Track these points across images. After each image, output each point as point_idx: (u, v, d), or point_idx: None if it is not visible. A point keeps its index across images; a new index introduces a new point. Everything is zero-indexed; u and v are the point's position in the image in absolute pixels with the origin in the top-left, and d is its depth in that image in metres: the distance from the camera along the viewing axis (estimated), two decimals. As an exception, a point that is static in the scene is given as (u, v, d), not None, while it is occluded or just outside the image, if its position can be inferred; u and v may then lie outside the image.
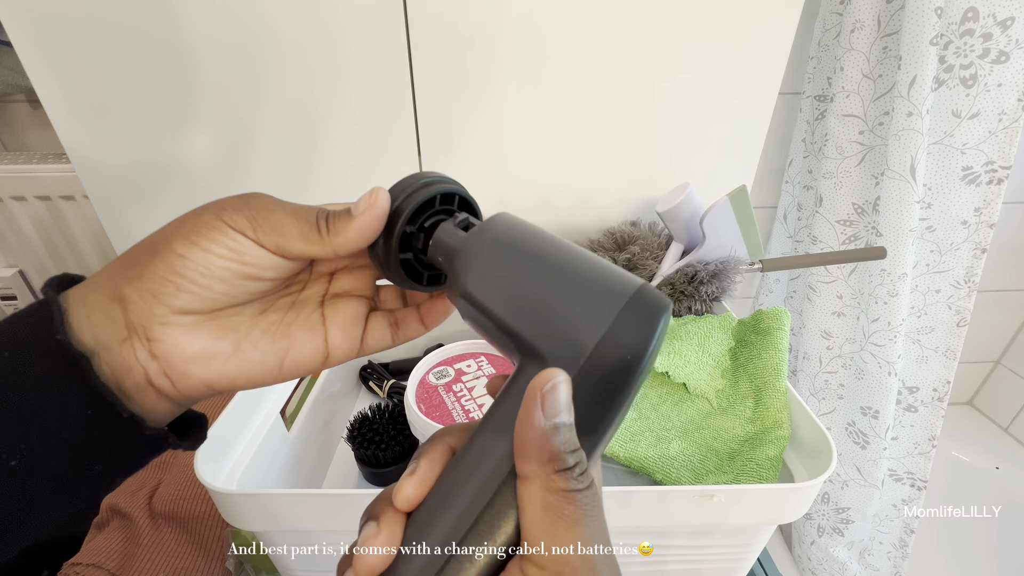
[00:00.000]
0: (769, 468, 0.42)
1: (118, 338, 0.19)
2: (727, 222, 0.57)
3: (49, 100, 0.57)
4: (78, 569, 0.44)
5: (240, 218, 0.20)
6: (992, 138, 0.68)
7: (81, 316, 0.19)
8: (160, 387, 0.20)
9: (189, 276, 0.20)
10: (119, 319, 0.19)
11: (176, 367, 0.20)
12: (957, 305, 0.78)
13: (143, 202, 0.64)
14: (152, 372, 0.20)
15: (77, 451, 0.18)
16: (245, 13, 0.54)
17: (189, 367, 0.20)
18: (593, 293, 0.18)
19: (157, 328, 0.19)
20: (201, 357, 0.20)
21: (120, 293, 0.19)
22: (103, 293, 0.19)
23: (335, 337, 0.24)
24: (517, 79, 0.59)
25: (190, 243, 0.20)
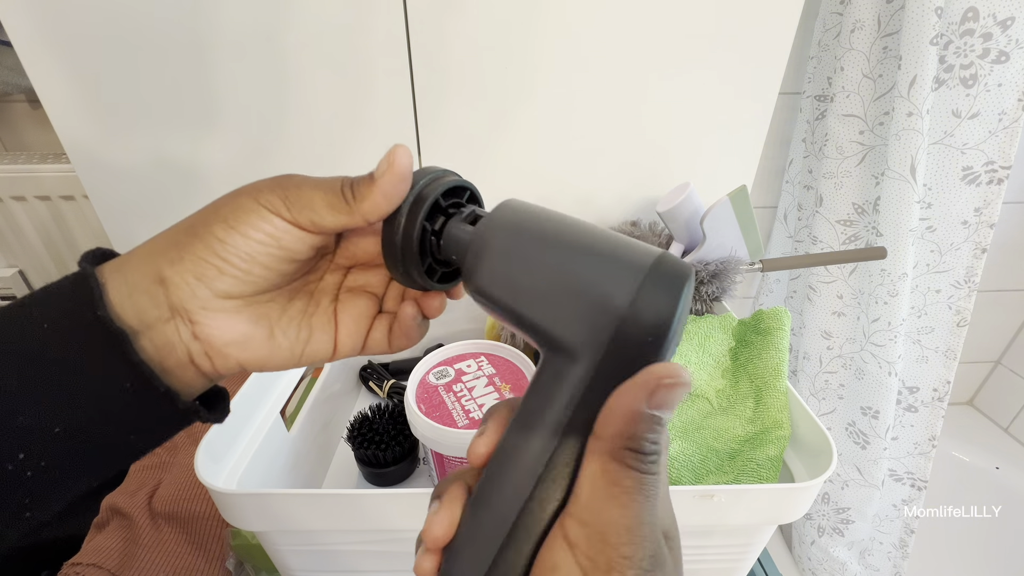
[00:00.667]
0: (769, 468, 0.42)
1: (162, 318, 0.20)
2: (727, 222, 0.57)
3: (49, 100, 0.57)
4: (78, 569, 0.44)
5: (275, 199, 0.21)
6: (992, 138, 0.68)
7: (123, 294, 0.20)
8: (200, 365, 0.21)
9: (231, 260, 0.20)
10: (162, 300, 0.20)
11: (217, 349, 0.21)
12: (957, 305, 0.78)
13: (143, 202, 0.64)
14: (195, 352, 0.21)
15: (115, 421, 0.19)
16: (245, 13, 0.54)
17: (229, 349, 0.21)
18: (608, 271, 0.17)
19: (200, 312, 0.20)
20: (240, 341, 0.21)
21: (162, 274, 0.20)
22: (144, 273, 0.20)
23: (342, 333, 0.25)
24: (517, 79, 0.59)
25: (229, 227, 0.20)
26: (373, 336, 0.25)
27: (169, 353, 0.20)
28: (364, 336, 0.25)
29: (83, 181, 0.62)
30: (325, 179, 0.22)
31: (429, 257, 0.23)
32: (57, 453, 0.18)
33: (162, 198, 0.64)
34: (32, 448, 0.18)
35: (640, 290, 0.17)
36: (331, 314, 0.25)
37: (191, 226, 0.21)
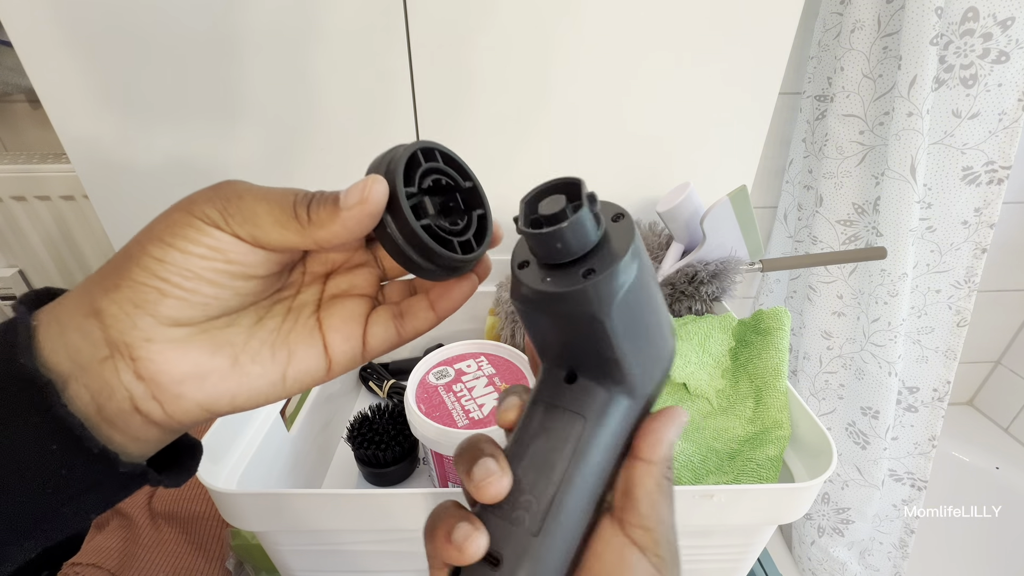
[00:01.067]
0: (769, 468, 0.42)
1: (97, 357, 0.17)
2: (727, 222, 0.57)
3: (49, 100, 0.57)
4: (78, 569, 0.44)
5: (211, 210, 0.18)
6: (992, 138, 0.68)
7: (54, 335, 0.17)
8: (147, 412, 0.18)
9: (171, 280, 0.17)
10: (97, 336, 0.17)
11: (167, 388, 0.18)
12: (957, 305, 0.78)
13: (143, 202, 0.64)
14: (138, 395, 0.18)
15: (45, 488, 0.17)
16: (246, 13, 0.54)
17: (182, 388, 0.18)
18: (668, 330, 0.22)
19: (142, 345, 0.17)
20: (195, 375, 0.18)
21: (96, 306, 0.17)
22: (77, 308, 0.17)
23: (334, 341, 0.22)
24: (517, 79, 0.59)
25: (165, 245, 0.17)
26: (374, 333, 0.22)
27: (108, 399, 0.17)
28: (361, 338, 0.22)
29: (83, 181, 0.62)
30: (274, 190, 0.19)
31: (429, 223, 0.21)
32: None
33: (162, 198, 0.63)
34: None
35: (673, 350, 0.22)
36: (314, 326, 0.22)
37: (127, 251, 0.18)
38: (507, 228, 0.23)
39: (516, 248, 0.21)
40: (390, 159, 0.20)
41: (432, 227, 0.20)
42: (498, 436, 0.22)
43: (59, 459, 0.16)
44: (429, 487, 0.52)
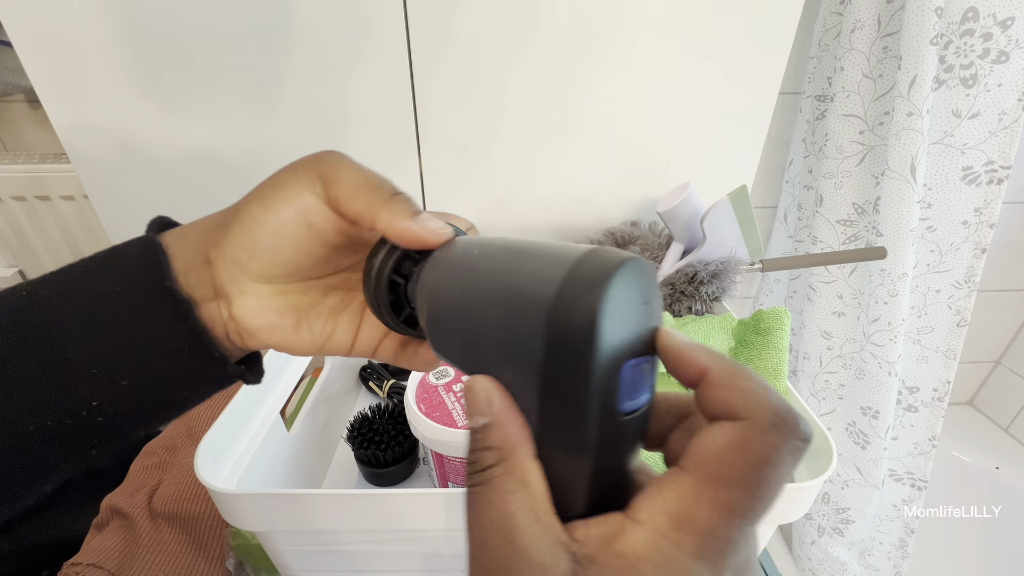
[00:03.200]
0: (769, 468, 0.42)
1: (207, 297, 0.22)
2: (727, 222, 0.57)
3: (49, 100, 0.57)
4: (78, 569, 0.44)
5: (312, 174, 0.21)
6: (992, 138, 0.68)
7: (180, 270, 0.21)
8: (235, 341, 0.23)
9: (260, 241, 0.21)
10: (208, 281, 0.21)
11: (248, 331, 0.22)
12: (957, 305, 0.78)
13: (143, 202, 0.64)
14: (231, 329, 0.22)
15: (173, 380, 0.21)
16: (246, 12, 0.54)
17: (257, 333, 0.23)
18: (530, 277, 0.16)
19: (237, 296, 0.22)
20: (268, 328, 0.23)
21: (208, 256, 0.21)
22: (196, 253, 0.22)
23: (363, 334, 0.26)
24: (517, 80, 0.59)
25: (263, 206, 0.21)
26: (385, 344, 0.26)
27: (212, 327, 0.22)
28: (377, 343, 0.26)
29: (83, 181, 0.62)
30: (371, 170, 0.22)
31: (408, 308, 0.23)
32: (123, 403, 0.21)
33: (162, 198, 0.64)
34: (103, 397, 0.20)
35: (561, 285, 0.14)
36: (359, 313, 0.25)
37: (235, 207, 0.22)
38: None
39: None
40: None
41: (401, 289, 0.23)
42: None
43: (188, 358, 0.21)
44: (429, 487, 0.52)
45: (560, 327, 0.14)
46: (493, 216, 0.68)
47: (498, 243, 0.19)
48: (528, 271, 0.16)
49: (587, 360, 0.14)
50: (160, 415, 0.22)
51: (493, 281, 0.17)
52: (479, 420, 0.16)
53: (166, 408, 0.22)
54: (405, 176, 0.64)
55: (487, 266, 0.18)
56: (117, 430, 0.21)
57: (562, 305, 0.14)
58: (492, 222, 0.69)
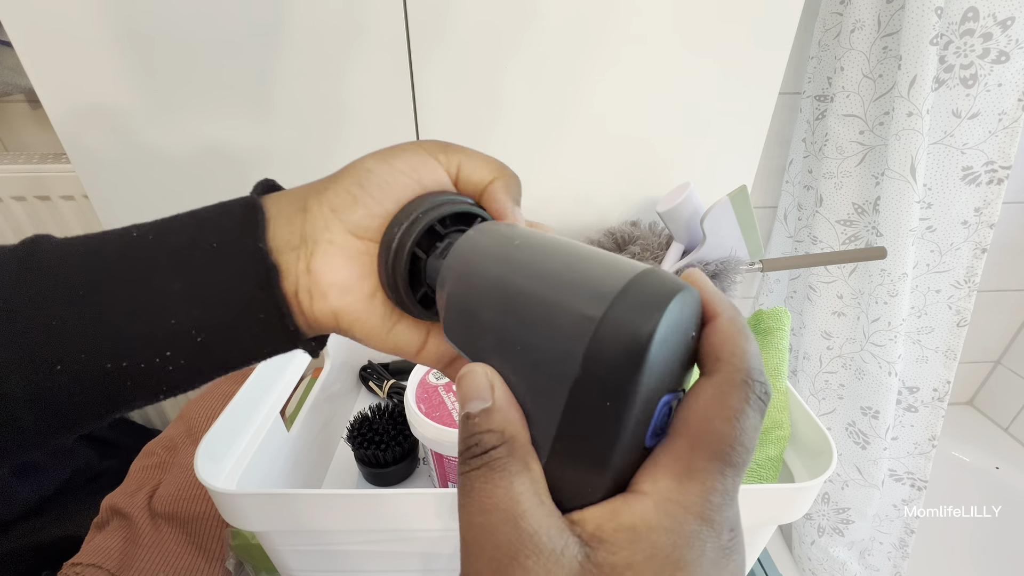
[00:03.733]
0: (769, 468, 0.42)
1: (291, 244, 0.21)
2: (727, 222, 0.57)
3: (49, 100, 0.57)
4: (78, 569, 0.44)
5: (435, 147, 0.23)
6: (992, 138, 0.68)
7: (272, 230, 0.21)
8: (300, 300, 0.22)
9: (369, 189, 0.21)
10: (297, 228, 0.21)
11: (320, 286, 0.21)
12: (957, 305, 0.78)
13: (143, 202, 0.64)
14: (301, 285, 0.21)
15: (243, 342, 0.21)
16: (246, 12, 0.54)
17: (329, 291, 0.22)
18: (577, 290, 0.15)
19: (324, 245, 0.21)
20: (342, 287, 0.22)
21: (306, 204, 0.21)
22: (293, 201, 0.22)
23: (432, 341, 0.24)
24: (517, 80, 0.59)
25: (380, 158, 0.22)
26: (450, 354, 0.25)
27: (283, 279, 0.21)
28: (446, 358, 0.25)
29: (83, 181, 0.62)
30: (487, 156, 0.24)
31: (424, 287, 0.22)
32: (194, 356, 0.21)
33: (162, 198, 0.64)
34: (177, 348, 0.20)
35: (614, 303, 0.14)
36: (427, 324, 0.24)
37: (351, 164, 0.22)
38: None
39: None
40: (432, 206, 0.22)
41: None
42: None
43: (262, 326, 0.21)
44: (429, 487, 0.52)
45: (606, 347, 0.14)
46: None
47: (542, 239, 0.18)
48: (577, 279, 0.15)
49: (629, 387, 0.13)
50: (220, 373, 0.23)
51: (535, 281, 0.16)
52: (479, 404, 0.16)
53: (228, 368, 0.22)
54: (405, 176, 0.65)
55: (530, 261, 0.17)
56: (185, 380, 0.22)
57: (612, 325, 0.14)
58: (492, 222, 0.69)
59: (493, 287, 0.17)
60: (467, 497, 0.15)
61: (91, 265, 0.20)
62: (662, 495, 0.14)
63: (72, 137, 0.59)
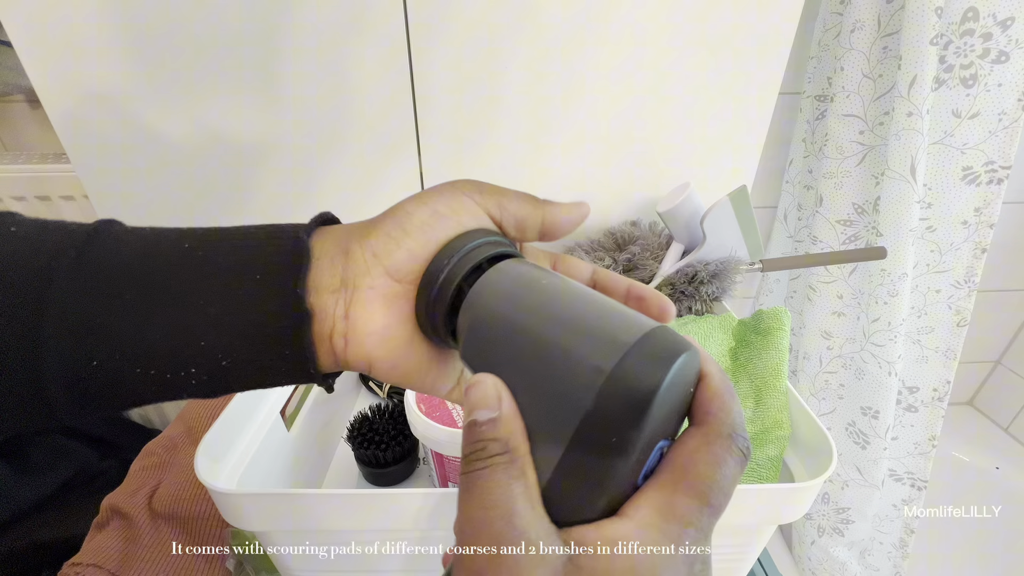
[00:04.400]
0: (769, 468, 0.42)
1: (330, 287, 0.21)
2: (727, 222, 0.57)
3: (49, 100, 0.57)
4: (78, 569, 0.44)
5: (472, 187, 0.23)
6: (992, 138, 0.68)
7: (314, 274, 0.21)
8: (335, 345, 0.22)
9: (411, 231, 0.21)
10: (339, 271, 0.21)
11: (358, 333, 0.21)
12: (957, 305, 0.78)
13: (143, 202, 0.64)
14: (337, 330, 0.21)
15: (264, 373, 0.22)
16: (246, 11, 0.54)
17: (367, 338, 0.22)
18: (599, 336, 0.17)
19: (364, 290, 0.21)
20: (381, 334, 0.22)
21: (348, 247, 0.21)
22: (337, 243, 0.22)
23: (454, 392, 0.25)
24: (517, 79, 0.59)
25: (420, 201, 0.22)
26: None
27: (319, 322, 0.21)
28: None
29: (83, 181, 0.62)
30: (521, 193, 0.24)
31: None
32: (217, 376, 0.21)
33: (162, 198, 0.64)
34: (202, 367, 0.21)
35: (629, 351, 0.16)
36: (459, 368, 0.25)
37: (392, 208, 0.22)
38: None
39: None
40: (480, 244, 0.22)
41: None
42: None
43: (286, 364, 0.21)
44: (429, 487, 0.52)
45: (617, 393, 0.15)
46: (493, 216, 0.68)
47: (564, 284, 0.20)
48: (595, 327, 0.17)
49: (634, 433, 0.15)
50: (237, 391, 0.23)
51: (557, 324, 0.18)
52: (486, 414, 0.17)
53: (245, 388, 0.23)
54: (405, 175, 0.65)
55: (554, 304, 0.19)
56: (203, 392, 0.22)
57: (625, 374, 0.15)
58: (492, 222, 0.69)
59: (516, 322, 0.19)
60: (467, 494, 0.17)
61: (141, 271, 0.21)
62: (644, 521, 0.16)
63: (72, 137, 0.59)
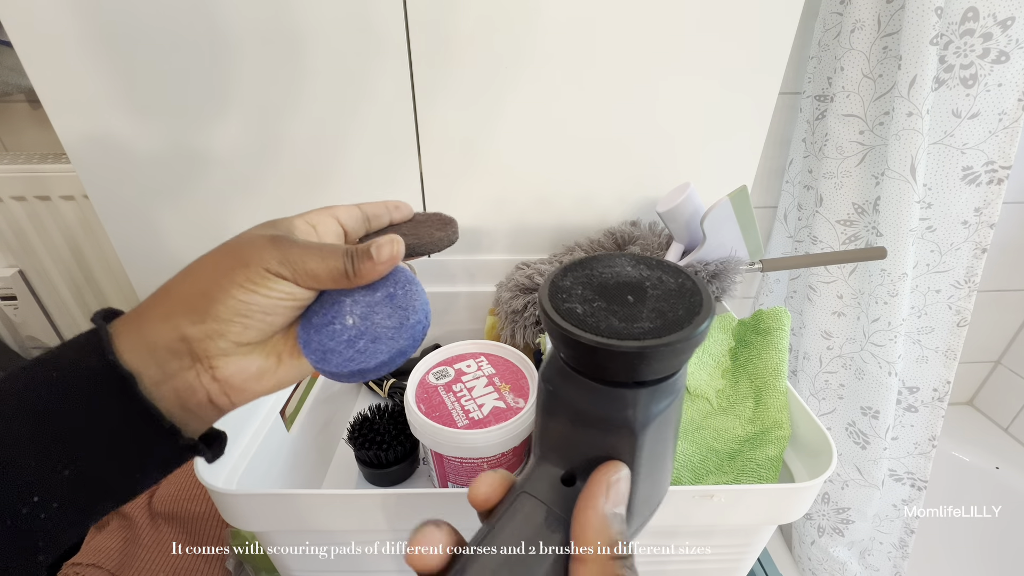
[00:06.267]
0: (769, 468, 0.42)
1: (183, 367, 0.22)
2: (727, 222, 0.57)
3: (49, 100, 0.57)
4: (78, 569, 0.44)
5: (283, 270, 0.24)
6: (992, 138, 0.68)
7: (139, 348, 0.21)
8: (218, 402, 0.24)
9: (255, 317, 0.23)
10: (184, 353, 0.22)
11: (235, 386, 0.24)
12: (957, 305, 0.78)
13: (143, 202, 0.64)
14: (213, 392, 0.23)
15: (120, 460, 0.21)
16: (246, 12, 0.54)
17: (246, 385, 0.24)
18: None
19: (220, 359, 0.23)
20: (256, 376, 0.24)
21: (184, 334, 0.22)
22: (165, 334, 0.22)
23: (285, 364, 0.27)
24: (517, 79, 0.59)
25: (249, 292, 0.23)
26: None
27: (191, 396, 0.23)
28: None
29: (83, 181, 0.62)
30: (328, 251, 0.25)
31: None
32: (67, 494, 0.19)
33: (162, 198, 0.64)
34: (44, 491, 0.19)
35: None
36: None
37: (203, 290, 0.23)
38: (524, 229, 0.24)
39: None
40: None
41: None
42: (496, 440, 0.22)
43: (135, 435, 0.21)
44: (429, 487, 0.52)
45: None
46: (492, 216, 0.68)
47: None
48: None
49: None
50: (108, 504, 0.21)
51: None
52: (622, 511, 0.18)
53: (117, 495, 0.22)
54: (405, 176, 0.65)
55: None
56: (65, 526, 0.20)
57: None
58: (492, 222, 0.69)
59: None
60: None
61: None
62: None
63: (72, 137, 0.59)
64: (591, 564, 0.16)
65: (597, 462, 0.18)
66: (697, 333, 0.16)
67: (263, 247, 0.24)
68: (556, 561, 0.17)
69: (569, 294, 0.18)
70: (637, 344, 0.16)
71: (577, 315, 0.17)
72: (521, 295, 0.58)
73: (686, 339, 0.16)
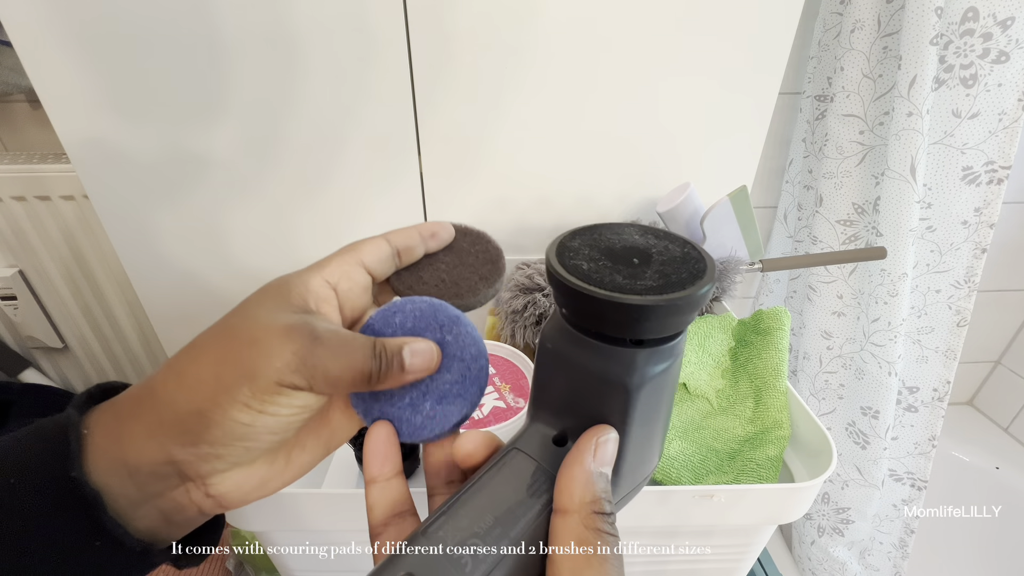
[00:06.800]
0: (769, 468, 0.42)
1: (170, 486, 0.19)
2: (727, 222, 0.57)
3: (49, 100, 0.57)
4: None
5: (300, 379, 0.19)
6: (992, 138, 0.68)
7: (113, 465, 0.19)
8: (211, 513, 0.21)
9: (260, 439, 0.20)
10: (172, 474, 0.19)
11: (236, 500, 0.21)
12: (957, 305, 0.78)
13: (143, 202, 0.64)
14: (206, 507, 0.20)
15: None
16: (246, 12, 0.54)
17: (248, 496, 0.21)
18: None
19: (216, 476, 0.20)
20: (260, 485, 0.21)
21: (172, 457, 0.19)
22: (149, 456, 0.19)
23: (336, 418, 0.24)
24: (516, 79, 0.59)
25: (254, 413, 0.19)
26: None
27: (178, 513, 0.20)
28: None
29: (83, 181, 0.62)
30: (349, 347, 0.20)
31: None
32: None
33: (162, 198, 0.64)
34: None
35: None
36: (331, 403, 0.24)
37: (198, 409, 0.19)
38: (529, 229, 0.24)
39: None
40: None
41: None
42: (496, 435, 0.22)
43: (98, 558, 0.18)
44: (429, 487, 0.52)
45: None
46: (493, 216, 0.68)
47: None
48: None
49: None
50: None
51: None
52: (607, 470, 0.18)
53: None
54: (405, 176, 0.65)
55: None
56: None
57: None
58: (492, 222, 0.69)
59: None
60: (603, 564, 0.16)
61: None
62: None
63: (72, 137, 0.59)
64: (572, 516, 0.16)
65: (590, 424, 0.19)
66: (699, 295, 0.16)
67: (275, 345, 0.19)
68: (540, 513, 0.18)
69: (576, 253, 0.19)
70: (639, 299, 0.16)
71: (582, 270, 0.17)
72: (521, 295, 0.58)
73: (687, 298, 0.16)
